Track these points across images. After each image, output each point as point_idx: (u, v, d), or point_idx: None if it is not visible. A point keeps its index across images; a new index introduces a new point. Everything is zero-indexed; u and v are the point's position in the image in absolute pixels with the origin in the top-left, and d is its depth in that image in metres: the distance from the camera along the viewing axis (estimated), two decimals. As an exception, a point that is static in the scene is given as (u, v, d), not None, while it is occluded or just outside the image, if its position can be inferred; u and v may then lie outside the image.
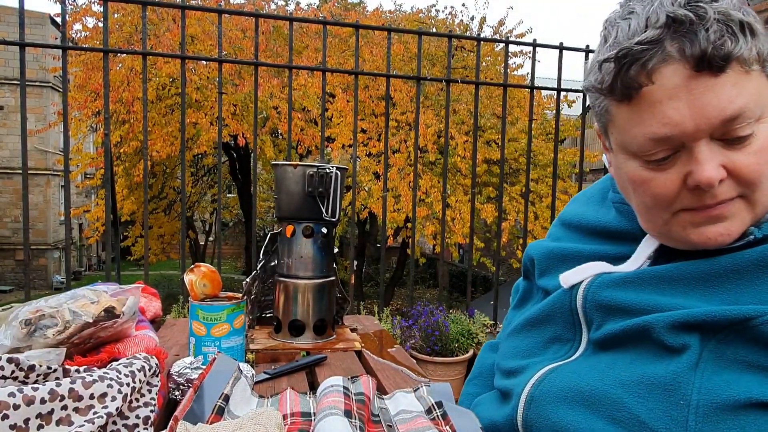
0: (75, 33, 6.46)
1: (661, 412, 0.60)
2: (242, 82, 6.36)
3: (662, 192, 0.63)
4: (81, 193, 16.52)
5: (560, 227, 0.91)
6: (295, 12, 8.05)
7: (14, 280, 15.44)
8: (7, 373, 0.66)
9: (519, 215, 6.83)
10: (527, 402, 0.72)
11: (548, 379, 0.72)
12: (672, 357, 0.62)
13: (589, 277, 0.73)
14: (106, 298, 0.96)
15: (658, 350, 0.64)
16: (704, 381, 0.59)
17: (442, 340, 2.63)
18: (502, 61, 7.69)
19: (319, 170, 1.18)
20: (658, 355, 0.64)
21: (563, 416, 0.67)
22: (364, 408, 0.77)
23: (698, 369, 0.60)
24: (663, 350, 0.63)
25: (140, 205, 7.34)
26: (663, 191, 0.63)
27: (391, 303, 9.57)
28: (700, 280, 0.64)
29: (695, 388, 0.59)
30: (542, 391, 0.72)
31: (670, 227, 0.66)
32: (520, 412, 0.72)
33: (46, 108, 14.96)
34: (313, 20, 3.94)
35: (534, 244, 0.92)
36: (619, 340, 0.68)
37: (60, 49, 2.09)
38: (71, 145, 6.72)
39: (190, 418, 0.70)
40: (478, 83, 2.65)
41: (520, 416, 0.72)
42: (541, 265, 0.87)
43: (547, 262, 0.85)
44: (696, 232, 0.64)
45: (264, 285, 1.32)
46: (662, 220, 0.66)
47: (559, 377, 0.72)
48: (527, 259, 0.93)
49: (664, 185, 0.63)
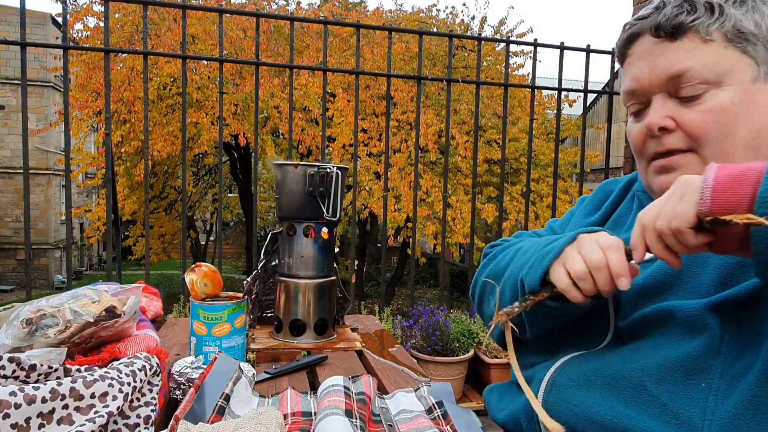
0: (76, 33, 6.46)
1: (681, 394, 0.62)
2: (243, 81, 6.36)
3: (635, 139, 0.76)
4: (82, 193, 16.53)
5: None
6: (296, 12, 8.05)
7: (15, 279, 15.45)
8: (9, 372, 0.66)
9: (520, 215, 6.82)
10: (548, 387, 0.73)
11: (570, 365, 0.73)
12: (693, 339, 0.64)
13: None
14: (107, 298, 0.96)
15: (681, 334, 0.66)
16: (726, 367, 0.61)
17: (443, 339, 2.63)
18: (503, 60, 7.68)
19: (320, 170, 1.18)
20: (680, 338, 0.65)
21: (583, 399, 0.68)
22: (364, 408, 0.77)
23: (720, 354, 0.62)
24: (686, 334, 0.65)
25: (141, 205, 7.34)
26: (635, 139, 0.76)
27: (392, 303, 9.57)
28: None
29: (717, 373, 0.61)
30: (564, 376, 0.72)
31: (647, 177, 0.77)
32: (540, 397, 0.73)
33: (47, 108, 14.97)
34: (314, 20, 3.95)
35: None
36: (644, 326, 0.70)
37: (61, 49, 2.09)
38: (72, 144, 6.73)
39: (191, 418, 0.70)
40: (479, 83, 2.64)
41: (540, 401, 0.73)
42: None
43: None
44: (656, 179, 0.74)
45: (265, 285, 1.32)
46: (643, 169, 0.77)
47: (581, 363, 0.72)
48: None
49: (637, 134, 0.76)
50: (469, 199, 5.87)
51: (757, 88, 0.68)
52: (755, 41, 0.68)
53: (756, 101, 0.68)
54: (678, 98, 0.70)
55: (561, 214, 5.89)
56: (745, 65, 0.68)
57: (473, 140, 4.37)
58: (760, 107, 0.68)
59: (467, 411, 0.81)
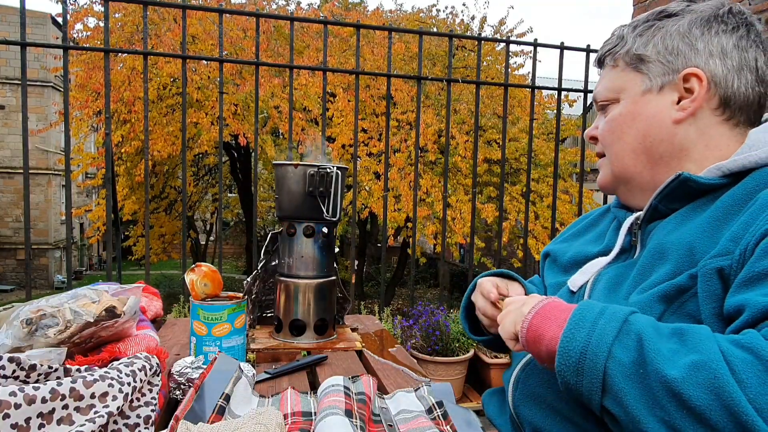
0: (76, 33, 6.46)
1: None
2: (243, 81, 6.35)
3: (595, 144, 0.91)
4: (82, 193, 16.53)
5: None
6: (296, 12, 8.05)
7: (15, 279, 15.45)
8: (9, 372, 0.66)
9: (520, 215, 6.82)
10: (515, 384, 0.83)
11: (534, 362, 0.81)
12: None
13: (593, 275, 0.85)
14: (107, 298, 0.96)
15: None
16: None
17: (443, 339, 2.63)
18: (503, 60, 7.68)
19: (319, 170, 1.18)
20: None
21: (543, 393, 0.78)
22: (364, 408, 0.77)
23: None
24: None
25: (141, 205, 7.34)
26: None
27: (392, 303, 9.56)
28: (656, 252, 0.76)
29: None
30: (527, 373, 0.81)
31: None
32: (510, 395, 0.84)
33: (47, 108, 14.97)
34: (314, 20, 3.94)
35: None
36: None
37: (61, 49, 2.09)
38: (72, 144, 6.73)
39: (191, 418, 0.70)
40: (479, 83, 2.64)
41: (510, 399, 0.84)
42: None
43: None
44: None
45: (265, 285, 1.32)
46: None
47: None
48: None
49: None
50: (469, 199, 5.87)
51: (647, 100, 0.80)
52: (650, 60, 0.80)
53: (642, 111, 0.80)
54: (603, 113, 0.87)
55: (561, 214, 5.88)
56: (637, 81, 0.81)
57: (473, 140, 4.36)
58: (645, 115, 0.80)
59: (467, 411, 0.81)
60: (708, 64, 0.76)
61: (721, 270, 0.63)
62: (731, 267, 0.62)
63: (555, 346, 0.62)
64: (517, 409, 0.82)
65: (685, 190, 0.74)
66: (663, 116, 0.79)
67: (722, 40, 0.77)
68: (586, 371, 0.59)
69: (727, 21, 0.77)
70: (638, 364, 0.56)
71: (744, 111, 0.78)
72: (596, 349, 0.59)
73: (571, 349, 0.60)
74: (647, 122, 0.79)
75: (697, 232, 0.69)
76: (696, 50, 0.77)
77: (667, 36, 0.79)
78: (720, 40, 0.77)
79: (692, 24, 0.78)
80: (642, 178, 0.82)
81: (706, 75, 0.76)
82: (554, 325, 0.64)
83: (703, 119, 0.77)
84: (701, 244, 0.67)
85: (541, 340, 0.65)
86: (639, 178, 0.82)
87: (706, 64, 0.76)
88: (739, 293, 0.60)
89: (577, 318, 0.62)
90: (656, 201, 0.76)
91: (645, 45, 0.80)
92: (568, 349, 0.61)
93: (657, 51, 0.79)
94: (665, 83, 0.79)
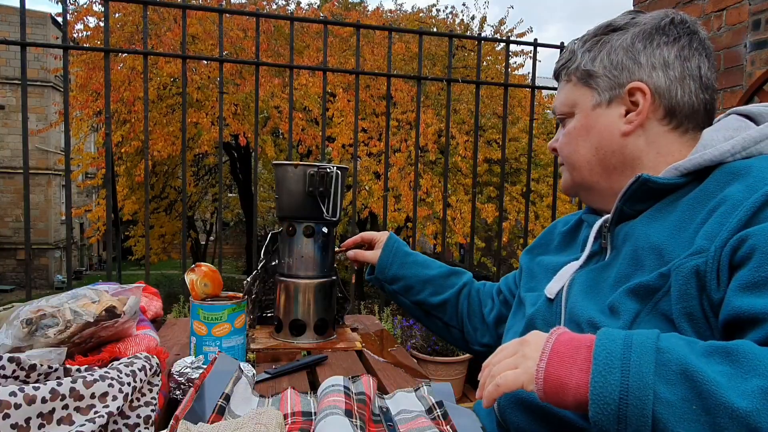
0: (76, 33, 6.46)
1: None
2: (243, 81, 6.36)
3: None
4: (82, 193, 16.53)
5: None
6: (296, 12, 8.05)
7: (15, 279, 15.45)
8: (9, 372, 0.66)
9: (520, 215, 6.83)
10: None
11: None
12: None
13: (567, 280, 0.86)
14: (107, 298, 0.96)
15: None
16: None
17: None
18: (503, 60, 7.68)
19: (319, 170, 1.18)
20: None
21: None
22: (365, 408, 0.77)
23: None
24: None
25: (141, 205, 7.34)
26: None
27: (392, 303, 9.56)
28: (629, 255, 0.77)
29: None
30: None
31: None
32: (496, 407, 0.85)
33: (47, 108, 14.97)
34: (314, 20, 3.94)
35: None
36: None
37: (61, 49, 2.09)
38: (72, 144, 6.73)
39: (191, 418, 0.70)
40: (479, 83, 2.64)
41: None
42: None
43: None
44: None
45: (265, 285, 1.32)
46: None
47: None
48: None
49: None
50: (469, 199, 5.86)
51: (597, 114, 0.83)
52: (598, 75, 0.82)
53: (594, 125, 0.83)
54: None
55: (561, 214, 5.86)
56: (588, 96, 0.84)
57: (473, 140, 4.36)
58: (597, 129, 0.83)
59: (467, 411, 0.81)
60: (651, 77, 0.79)
61: (698, 269, 0.63)
62: (707, 264, 0.62)
63: (584, 394, 0.55)
64: (503, 413, 0.82)
65: (647, 191, 0.76)
66: (612, 129, 0.82)
67: (664, 52, 0.79)
68: (630, 419, 0.52)
69: (668, 32, 0.79)
70: (689, 400, 0.50)
71: (692, 118, 0.80)
72: (638, 392, 0.52)
73: (607, 395, 0.53)
74: (599, 135, 0.83)
75: (665, 232, 0.70)
76: (639, 64, 0.79)
77: (612, 51, 0.81)
78: (662, 52, 0.79)
79: (635, 38, 0.80)
80: (600, 186, 0.85)
81: (649, 88, 0.79)
82: (575, 368, 0.56)
83: (652, 129, 0.80)
84: (670, 244, 0.69)
85: (566, 389, 0.56)
86: (597, 186, 0.86)
87: (650, 77, 0.79)
88: (751, 297, 0.57)
89: (603, 356, 0.55)
90: (621, 203, 0.78)
91: (593, 60, 0.83)
92: (603, 396, 0.53)
93: (603, 66, 0.82)
94: (613, 97, 0.82)
